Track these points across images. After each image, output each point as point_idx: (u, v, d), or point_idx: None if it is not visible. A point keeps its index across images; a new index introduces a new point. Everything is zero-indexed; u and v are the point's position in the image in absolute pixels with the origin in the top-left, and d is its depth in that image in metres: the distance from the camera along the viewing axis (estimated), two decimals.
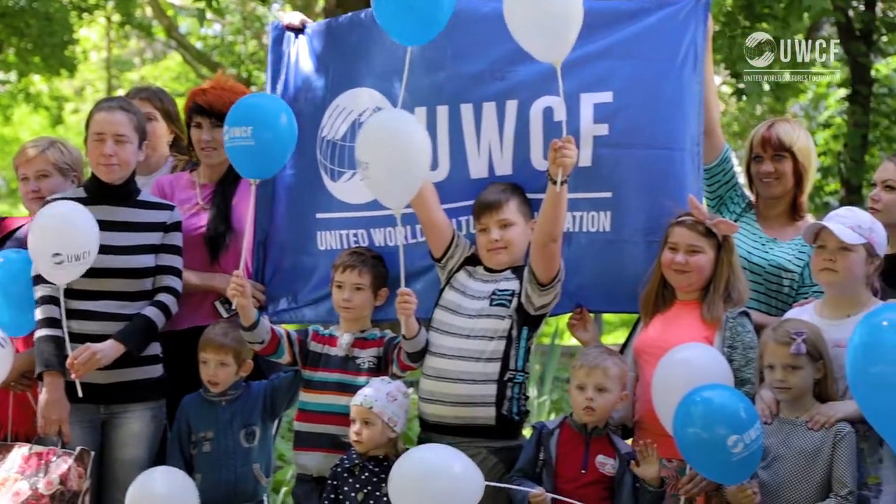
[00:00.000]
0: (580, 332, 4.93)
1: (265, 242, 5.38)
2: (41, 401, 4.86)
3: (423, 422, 4.82)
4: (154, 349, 5.05)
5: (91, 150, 5.00)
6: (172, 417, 5.06)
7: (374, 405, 4.60)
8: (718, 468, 4.13)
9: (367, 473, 4.62)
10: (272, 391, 5.04)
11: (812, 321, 4.38)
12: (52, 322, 4.85)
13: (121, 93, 7.90)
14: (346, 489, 4.63)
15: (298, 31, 5.49)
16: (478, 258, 4.88)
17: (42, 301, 4.90)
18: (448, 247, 4.89)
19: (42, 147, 5.35)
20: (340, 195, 5.25)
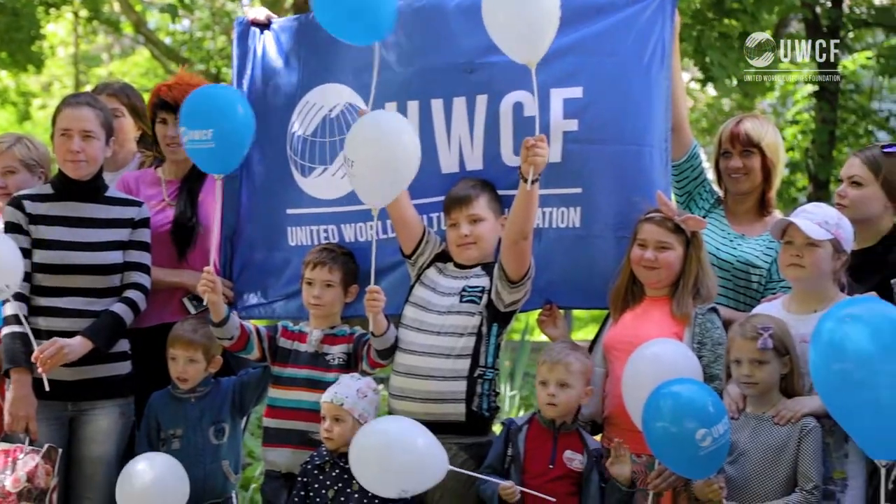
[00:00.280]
0: (550, 329, 4.93)
1: (232, 238, 5.36)
2: (8, 398, 4.83)
3: None
4: (122, 346, 5.03)
5: (58, 147, 4.97)
6: (140, 414, 5.04)
7: (345, 402, 4.60)
8: (686, 462, 4.14)
9: (338, 470, 4.61)
10: (241, 387, 5.03)
11: (780, 316, 4.40)
12: (19, 319, 4.81)
13: (88, 89, 7.84)
14: (317, 486, 4.63)
15: (264, 27, 5.47)
16: (448, 255, 4.88)
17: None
18: (418, 243, 4.89)
19: (9, 143, 5.33)
20: (311, 191, 5.24)
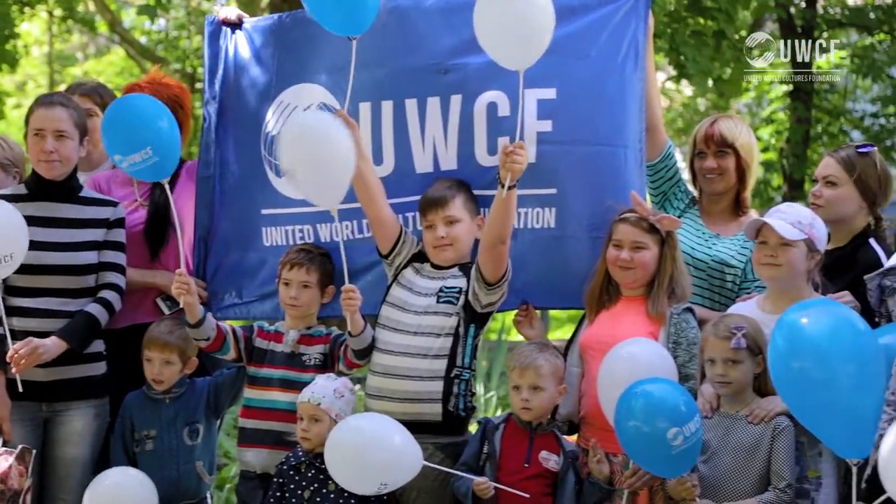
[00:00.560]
0: (526, 329, 4.94)
1: (207, 238, 5.34)
2: None
3: None
4: (97, 346, 5.01)
5: (31, 147, 4.95)
6: (115, 415, 5.02)
7: (322, 401, 4.59)
8: (658, 461, 4.16)
9: (314, 471, 4.60)
10: (216, 388, 5.01)
11: (754, 316, 4.42)
12: None
13: (62, 88, 7.81)
14: (293, 487, 4.62)
15: (235, 27, 5.44)
16: (425, 255, 4.88)
17: None
18: (395, 243, 4.89)
19: None
20: (285, 191, 5.22)
